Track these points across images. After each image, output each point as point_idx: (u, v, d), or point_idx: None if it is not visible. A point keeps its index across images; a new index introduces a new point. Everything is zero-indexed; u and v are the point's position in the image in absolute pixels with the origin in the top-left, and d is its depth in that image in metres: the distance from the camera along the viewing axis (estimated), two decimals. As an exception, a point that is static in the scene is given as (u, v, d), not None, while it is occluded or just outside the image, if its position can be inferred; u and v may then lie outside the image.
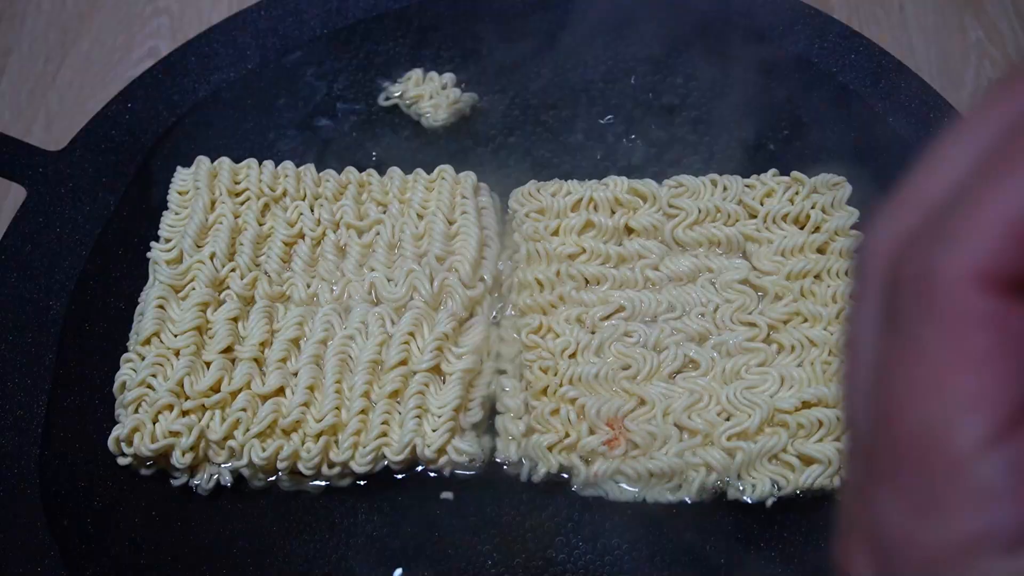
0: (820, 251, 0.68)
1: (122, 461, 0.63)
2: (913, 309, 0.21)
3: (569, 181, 0.71)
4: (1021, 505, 0.20)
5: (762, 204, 0.70)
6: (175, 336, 0.65)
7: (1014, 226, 0.20)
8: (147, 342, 0.65)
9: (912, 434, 0.21)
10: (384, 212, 0.71)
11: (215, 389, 0.64)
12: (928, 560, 0.21)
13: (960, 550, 0.21)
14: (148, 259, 0.69)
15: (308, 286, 0.68)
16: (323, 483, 0.63)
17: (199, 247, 0.69)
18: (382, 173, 0.73)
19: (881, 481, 0.22)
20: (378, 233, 0.70)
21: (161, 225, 0.71)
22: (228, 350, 0.65)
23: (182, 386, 0.63)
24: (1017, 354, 0.21)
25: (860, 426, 0.23)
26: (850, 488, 0.24)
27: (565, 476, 0.62)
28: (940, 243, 0.21)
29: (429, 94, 0.80)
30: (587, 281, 0.68)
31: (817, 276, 0.67)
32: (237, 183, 0.72)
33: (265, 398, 0.64)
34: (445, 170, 0.72)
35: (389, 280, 0.68)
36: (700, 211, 0.69)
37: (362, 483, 0.63)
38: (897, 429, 0.22)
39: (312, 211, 0.71)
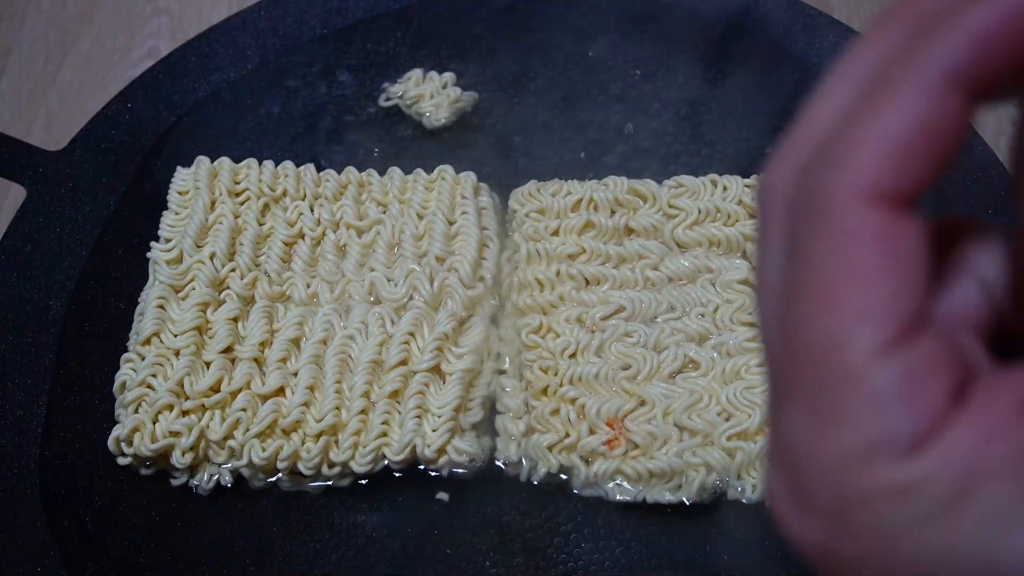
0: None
1: (122, 461, 0.63)
2: (807, 231, 0.22)
3: (569, 181, 0.71)
4: (914, 411, 0.21)
5: (762, 204, 0.69)
6: (175, 336, 0.65)
7: (895, 143, 0.21)
8: (147, 342, 0.65)
9: (810, 349, 0.22)
10: (384, 212, 0.71)
11: (215, 389, 0.64)
12: (830, 469, 0.22)
13: (858, 457, 0.21)
14: (148, 259, 0.70)
15: (308, 286, 0.68)
16: (323, 483, 0.63)
17: (199, 247, 0.69)
18: (383, 173, 0.73)
19: (786, 400, 0.23)
20: (378, 233, 0.70)
21: (161, 225, 0.71)
22: (228, 350, 0.65)
23: (182, 386, 0.63)
24: (905, 266, 0.21)
25: (773, 356, 0.24)
26: (768, 420, 0.25)
27: (564, 477, 0.62)
28: (828, 167, 0.22)
29: (430, 94, 0.80)
30: (587, 281, 0.68)
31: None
32: (237, 183, 0.72)
33: (265, 398, 0.64)
34: (445, 170, 0.72)
35: (389, 280, 0.68)
36: (700, 211, 0.69)
37: (362, 483, 0.63)
38: (796, 346, 0.22)
39: (312, 211, 0.71)
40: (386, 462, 0.63)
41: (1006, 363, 0.23)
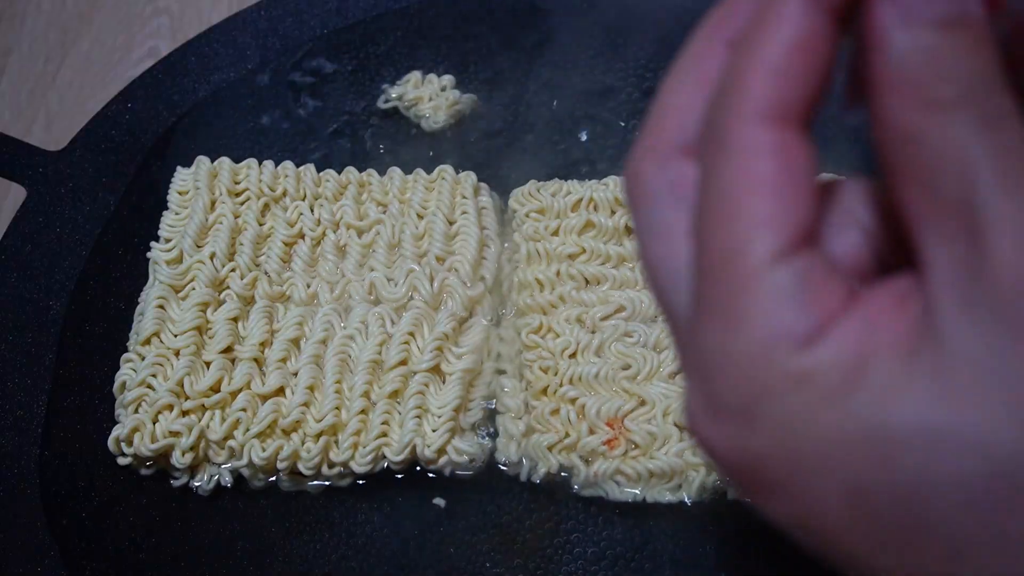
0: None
1: (122, 461, 0.63)
2: (712, 159, 0.25)
3: (569, 181, 0.71)
4: (807, 309, 0.23)
5: (762, 204, 0.69)
6: (175, 336, 0.65)
7: (775, 65, 0.24)
8: (147, 342, 0.65)
9: (716, 258, 0.24)
10: (384, 212, 0.71)
11: (215, 389, 0.64)
12: (735, 367, 0.24)
13: (760, 352, 0.23)
14: (148, 259, 0.70)
15: (308, 286, 0.68)
16: (323, 483, 0.63)
17: (199, 247, 0.69)
18: (383, 173, 0.73)
19: (699, 313, 0.25)
20: (378, 233, 0.70)
21: (161, 225, 0.71)
22: (228, 350, 0.65)
23: (182, 386, 0.63)
24: (799, 180, 0.24)
25: (672, 289, 0.26)
26: (679, 347, 0.27)
27: (565, 476, 0.62)
28: (725, 99, 0.24)
29: (428, 96, 0.80)
30: (587, 281, 0.68)
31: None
32: (237, 183, 0.72)
33: (265, 398, 0.64)
34: (445, 170, 0.72)
35: (389, 280, 0.68)
36: (700, 211, 0.69)
37: (362, 483, 0.63)
38: (706, 260, 0.25)
39: (312, 211, 0.71)
40: (386, 462, 0.63)
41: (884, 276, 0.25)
